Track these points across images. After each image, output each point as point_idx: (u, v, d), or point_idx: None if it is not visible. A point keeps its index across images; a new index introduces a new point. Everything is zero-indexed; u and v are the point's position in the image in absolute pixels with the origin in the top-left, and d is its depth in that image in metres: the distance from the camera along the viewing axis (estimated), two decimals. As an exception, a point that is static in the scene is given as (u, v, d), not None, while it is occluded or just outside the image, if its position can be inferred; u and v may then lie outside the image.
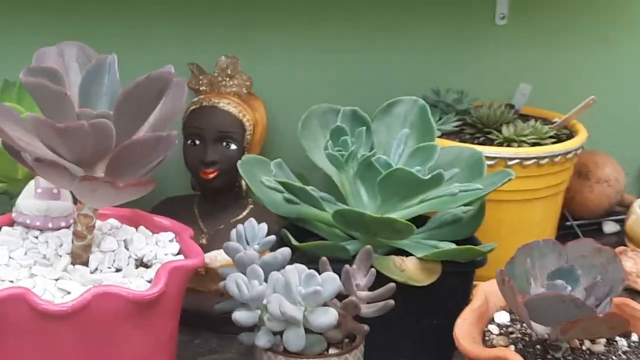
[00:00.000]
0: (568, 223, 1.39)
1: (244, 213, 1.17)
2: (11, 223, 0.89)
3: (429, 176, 0.95)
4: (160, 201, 1.23)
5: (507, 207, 1.19)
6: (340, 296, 0.90)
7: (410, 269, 0.97)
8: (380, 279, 0.93)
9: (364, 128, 1.01)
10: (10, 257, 0.82)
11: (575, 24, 1.42)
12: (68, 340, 0.77)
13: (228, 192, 1.17)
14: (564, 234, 1.37)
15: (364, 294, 0.90)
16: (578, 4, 1.41)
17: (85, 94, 0.79)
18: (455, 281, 1.01)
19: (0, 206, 0.98)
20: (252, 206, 1.18)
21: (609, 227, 1.43)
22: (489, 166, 1.14)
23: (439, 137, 1.21)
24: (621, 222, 1.39)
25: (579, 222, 1.40)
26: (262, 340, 0.87)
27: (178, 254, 0.87)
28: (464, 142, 1.20)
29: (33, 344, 0.76)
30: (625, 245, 1.33)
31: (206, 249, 1.13)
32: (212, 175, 1.14)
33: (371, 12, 1.33)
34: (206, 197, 1.19)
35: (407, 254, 1.00)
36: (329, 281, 0.84)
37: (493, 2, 1.40)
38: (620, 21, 1.44)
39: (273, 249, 0.95)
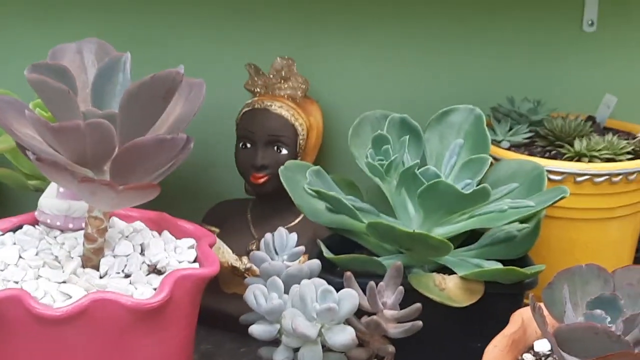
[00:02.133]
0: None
1: (297, 220, 1.13)
2: (35, 222, 0.88)
3: (471, 191, 0.89)
4: (216, 204, 1.20)
5: (580, 225, 1.12)
6: (370, 314, 0.86)
7: (450, 288, 0.92)
8: (420, 298, 0.89)
9: (407, 137, 0.96)
10: (20, 257, 0.81)
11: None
12: (68, 345, 0.75)
13: (280, 198, 1.13)
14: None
15: (390, 313, 0.85)
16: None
17: (98, 93, 0.77)
18: (504, 303, 0.95)
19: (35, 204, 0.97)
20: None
21: None
22: (557, 182, 1.07)
23: (507, 148, 1.15)
24: None
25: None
26: (280, 356, 0.83)
27: (194, 261, 0.83)
28: (533, 155, 1.13)
29: (32, 347, 0.75)
30: None
31: (256, 255, 1.10)
32: (262, 180, 1.11)
33: (444, 12, 1.27)
34: (259, 202, 1.16)
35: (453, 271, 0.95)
36: (347, 298, 0.80)
37: (581, 8, 1.31)
38: None
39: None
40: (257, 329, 0.83)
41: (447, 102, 1.14)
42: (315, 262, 0.88)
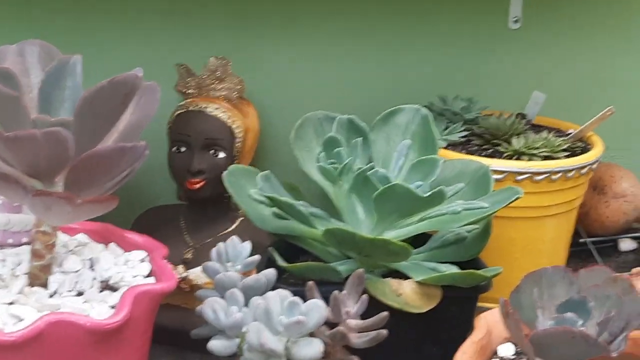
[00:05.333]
0: (582, 240, 1.30)
1: (233, 226, 1.09)
2: (-31, 237, 0.81)
3: (429, 193, 0.87)
4: (144, 211, 1.15)
5: (517, 224, 1.11)
6: (330, 323, 0.82)
7: (407, 294, 0.89)
8: (376, 304, 0.86)
9: (360, 139, 0.93)
10: (-40, 277, 0.74)
11: (594, 28, 1.33)
12: (21, 371, 0.69)
13: (216, 203, 1.09)
14: (578, 250, 1.29)
15: (354, 322, 0.81)
16: (597, 6, 1.32)
17: (45, 99, 0.71)
18: (457, 306, 0.93)
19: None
20: (242, 219, 1.09)
21: (626, 244, 1.34)
22: (497, 181, 1.06)
23: (445, 147, 1.13)
24: (639, 240, 1.31)
25: (593, 239, 1.31)
26: (241, 372, 0.79)
27: (149, 275, 0.78)
28: (471, 153, 1.12)
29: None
30: (643, 264, 1.24)
31: (192, 263, 1.05)
32: (198, 186, 1.06)
33: (376, 14, 1.25)
34: (193, 208, 1.11)
35: (406, 275, 0.92)
36: (314, 310, 0.76)
37: (506, 5, 1.31)
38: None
39: (262, 268, 0.88)
40: (216, 345, 0.79)
41: (380, 101, 1.12)
42: (272, 272, 0.84)
